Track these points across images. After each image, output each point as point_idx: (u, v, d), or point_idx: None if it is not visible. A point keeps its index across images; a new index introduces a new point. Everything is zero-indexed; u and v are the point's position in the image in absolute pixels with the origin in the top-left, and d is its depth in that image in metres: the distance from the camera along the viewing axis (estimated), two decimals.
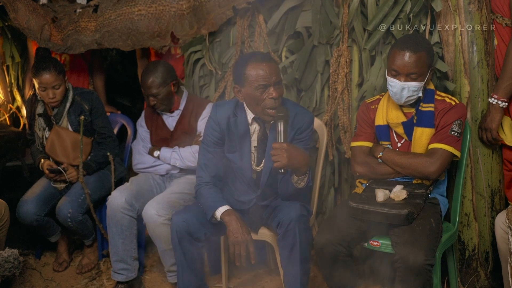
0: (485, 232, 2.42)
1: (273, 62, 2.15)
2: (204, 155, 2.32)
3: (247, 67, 2.11)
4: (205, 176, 2.29)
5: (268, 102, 2.11)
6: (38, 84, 2.79)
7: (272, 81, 2.09)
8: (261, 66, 2.09)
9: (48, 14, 3.15)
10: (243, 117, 2.25)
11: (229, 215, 2.15)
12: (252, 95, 2.13)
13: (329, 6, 2.59)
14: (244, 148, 2.26)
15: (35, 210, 2.76)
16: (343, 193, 2.78)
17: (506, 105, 2.24)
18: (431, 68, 2.19)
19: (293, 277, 2.13)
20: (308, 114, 2.28)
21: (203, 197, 2.24)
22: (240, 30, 2.81)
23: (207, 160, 2.30)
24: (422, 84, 2.14)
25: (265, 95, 2.10)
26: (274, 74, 2.10)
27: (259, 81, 2.09)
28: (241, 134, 2.25)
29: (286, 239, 2.11)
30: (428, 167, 2.13)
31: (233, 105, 2.27)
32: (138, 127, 2.95)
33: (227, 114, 2.25)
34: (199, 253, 2.27)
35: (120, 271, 2.66)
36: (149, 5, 2.96)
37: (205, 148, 2.32)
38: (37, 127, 2.96)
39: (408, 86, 2.13)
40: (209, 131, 2.30)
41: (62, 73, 2.83)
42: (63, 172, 2.85)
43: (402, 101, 2.18)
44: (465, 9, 2.32)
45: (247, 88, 2.13)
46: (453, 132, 2.15)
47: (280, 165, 2.02)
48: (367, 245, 2.20)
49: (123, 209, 2.58)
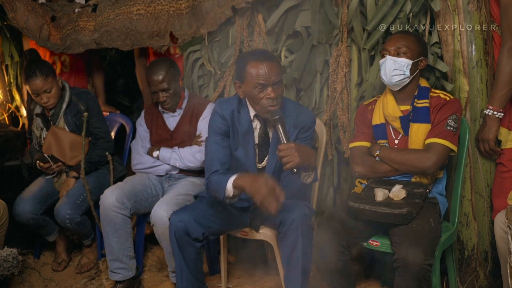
0: (484, 232, 2.42)
1: (275, 61, 2.14)
2: (212, 147, 2.24)
3: (248, 64, 2.12)
4: (215, 165, 2.20)
5: (265, 102, 2.11)
6: (30, 91, 2.80)
7: (271, 81, 2.09)
8: (261, 65, 2.09)
9: (47, 13, 3.15)
10: (245, 113, 2.25)
11: (240, 178, 2.05)
12: (250, 93, 2.13)
13: (328, 5, 2.59)
14: (249, 145, 2.26)
15: (31, 208, 2.76)
16: (342, 192, 2.78)
17: (502, 115, 2.24)
18: (422, 59, 2.22)
19: (294, 277, 2.12)
20: (310, 113, 2.29)
21: (213, 182, 2.14)
22: (239, 30, 2.81)
23: (215, 152, 2.22)
24: (410, 62, 2.18)
25: (263, 94, 2.11)
26: (274, 74, 2.09)
27: (258, 80, 2.09)
28: (245, 130, 2.24)
29: (288, 238, 2.10)
30: (425, 162, 2.13)
31: (237, 101, 2.27)
32: (137, 127, 2.94)
33: (232, 109, 2.25)
34: (198, 254, 2.26)
35: (117, 270, 2.66)
36: (148, 4, 2.96)
37: (212, 140, 2.25)
38: (34, 127, 2.96)
39: (394, 60, 2.18)
40: (216, 124, 2.25)
41: (51, 75, 2.80)
42: (49, 160, 2.83)
43: (389, 77, 2.21)
44: (464, 9, 2.32)
45: (246, 85, 2.14)
46: (449, 126, 2.16)
47: (293, 165, 1.99)
48: (366, 244, 2.20)
49: (114, 207, 2.57)
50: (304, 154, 2.01)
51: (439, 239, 2.08)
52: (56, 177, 2.94)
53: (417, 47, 2.21)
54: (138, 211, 2.73)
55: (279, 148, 2.02)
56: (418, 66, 2.23)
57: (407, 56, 2.19)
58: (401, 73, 2.20)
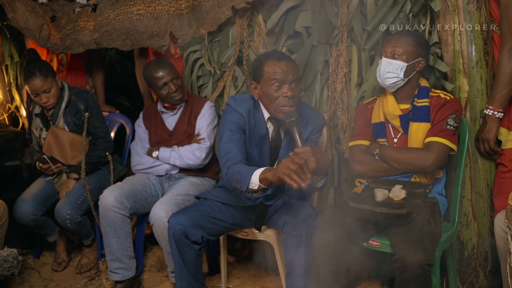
0: (484, 232, 2.42)
1: (293, 62, 2.16)
2: (230, 137, 2.16)
3: (265, 63, 2.13)
4: (236, 156, 2.11)
5: (281, 100, 2.11)
6: (30, 91, 2.80)
7: (288, 79, 2.10)
8: (279, 64, 2.11)
9: (47, 13, 3.15)
10: (260, 115, 2.24)
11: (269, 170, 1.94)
12: (266, 92, 2.13)
13: (328, 6, 2.59)
14: (264, 148, 2.25)
15: (32, 209, 2.76)
16: (342, 192, 2.77)
17: (502, 115, 2.24)
18: (421, 60, 2.21)
19: (295, 277, 2.13)
20: (321, 116, 2.32)
21: (235, 172, 2.03)
22: (239, 30, 2.81)
23: (234, 142, 2.15)
24: (404, 64, 2.18)
25: (279, 93, 2.11)
26: (291, 72, 2.11)
27: (275, 75, 2.09)
28: (262, 134, 2.23)
29: (292, 238, 2.10)
30: (425, 161, 2.13)
31: (252, 101, 2.26)
32: (136, 128, 2.94)
33: (248, 106, 2.24)
34: (197, 256, 2.26)
35: (116, 270, 2.66)
36: (148, 4, 2.96)
37: (229, 133, 2.17)
38: (34, 127, 2.95)
39: (389, 62, 2.19)
40: (233, 118, 2.21)
41: (50, 75, 2.80)
42: (48, 161, 2.82)
43: (382, 79, 2.22)
44: (464, 9, 2.32)
45: (262, 84, 2.14)
46: (449, 126, 2.16)
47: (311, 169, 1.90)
48: (366, 244, 2.20)
49: (113, 207, 2.57)
50: (320, 158, 1.96)
51: (439, 239, 2.08)
52: (56, 178, 2.94)
53: (415, 48, 2.20)
54: (138, 211, 2.73)
55: (296, 152, 1.93)
56: (416, 68, 2.22)
57: (402, 59, 2.19)
58: (394, 75, 2.20)
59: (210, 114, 2.81)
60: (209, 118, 2.80)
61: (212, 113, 2.82)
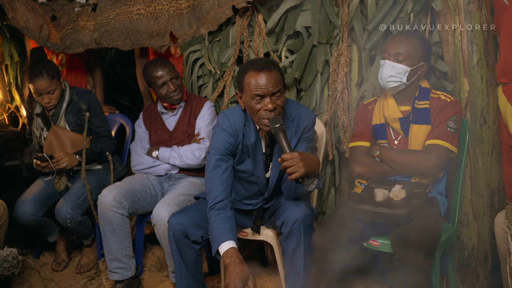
0: (484, 232, 2.42)
1: (274, 71, 2.05)
2: (214, 171, 2.15)
3: (246, 74, 2.06)
4: (214, 197, 2.12)
5: (263, 113, 2.04)
6: (33, 90, 2.79)
7: (269, 92, 2.02)
8: (259, 76, 2.02)
9: (47, 12, 3.15)
10: (252, 125, 2.19)
11: (230, 257, 1.99)
12: (249, 104, 2.07)
13: (328, 5, 2.59)
14: (257, 156, 2.22)
15: (32, 210, 2.75)
16: (343, 192, 2.77)
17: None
18: (424, 64, 2.20)
19: (295, 277, 2.13)
20: (311, 113, 2.25)
21: (212, 224, 2.09)
22: (240, 30, 2.81)
23: (216, 178, 2.14)
24: (408, 69, 2.16)
25: (261, 105, 2.04)
26: (272, 84, 2.01)
27: (255, 91, 2.02)
28: (253, 142, 2.20)
29: (290, 238, 2.10)
30: (425, 163, 2.13)
31: (242, 112, 2.19)
32: (136, 128, 2.94)
33: (239, 120, 2.18)
34: (197, 255, 2.26)
35: (116, 270, 2.65)
36: (148, 4, 2.96)
37: (215, 164, 2.15)
38: (34, 127, 2.95)
39: (393, 66, 2.17)
40: (220, 142, 2.17)
41: (56, 77, 2.80)
42: (48, 159, 2.80)
43: (384, 81, 2.20)
44: (464, 8, 2.32)
45: (245, 95, 2.09)
46: (449, 128, 2.15)
47: (298, 175, 1.90)
48: (366, 245, 2.20)
49: (112, 207, 2.57)
50: (308, 162, 1.93)
51: (439, 239, 2.08)
52: (56, 178, 2.94)
53: (418, 52, 2.17)
54: (137, 211, 2.72)
55: (283, 158, 1.92)
56: (418, 72, 2.21)
57: (406, 63, 2.16)
58: (397, 79, 2.18)
59: (209, 114, 2.81)
60: (208, 118, 2.80)
61: (212, 113, 2.82)
